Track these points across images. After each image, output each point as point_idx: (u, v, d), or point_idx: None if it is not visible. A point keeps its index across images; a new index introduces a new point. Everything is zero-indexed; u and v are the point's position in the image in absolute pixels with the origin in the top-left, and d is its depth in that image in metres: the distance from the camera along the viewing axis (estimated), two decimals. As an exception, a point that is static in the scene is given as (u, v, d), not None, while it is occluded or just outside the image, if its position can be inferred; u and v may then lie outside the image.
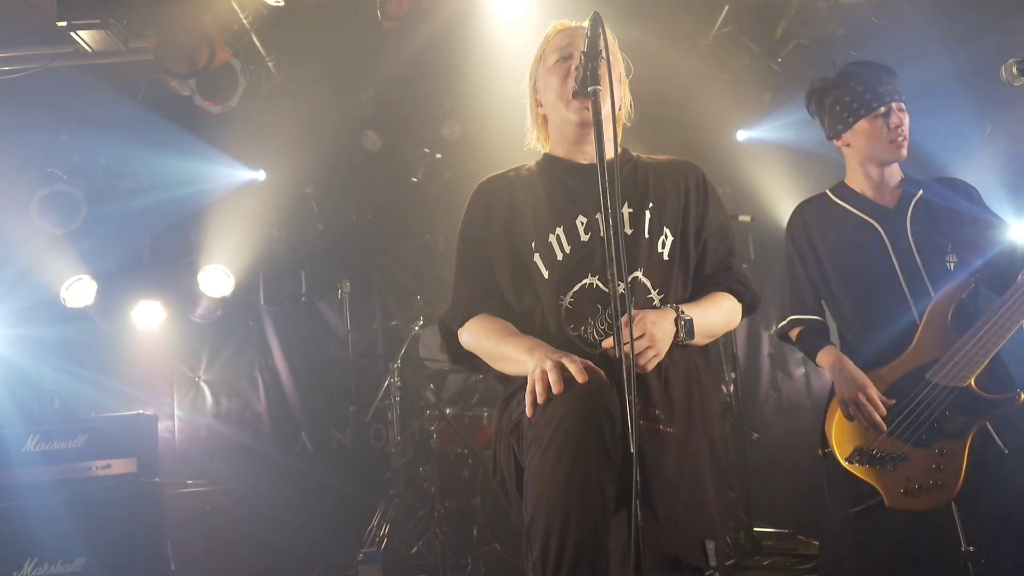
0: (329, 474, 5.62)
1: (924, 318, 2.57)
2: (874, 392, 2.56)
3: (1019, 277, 2.43)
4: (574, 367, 1.69)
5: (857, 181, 2.83)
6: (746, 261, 5.77)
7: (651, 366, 1.85)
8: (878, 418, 2.53)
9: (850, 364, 2.65)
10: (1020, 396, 2.43)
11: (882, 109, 2.70)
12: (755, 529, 4.53)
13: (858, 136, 2.76)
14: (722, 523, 1.99)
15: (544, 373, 1.71)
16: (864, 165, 2.79)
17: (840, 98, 2.79)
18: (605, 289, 1.95)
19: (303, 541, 5.10)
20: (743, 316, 2.20)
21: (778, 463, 5.34)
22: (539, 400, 1.69)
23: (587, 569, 1.56)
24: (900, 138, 2.69)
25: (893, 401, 2.54)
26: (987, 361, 2.45)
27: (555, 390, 1.67)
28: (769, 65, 4.99)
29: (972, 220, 2.69)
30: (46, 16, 4.14)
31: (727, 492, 4.39)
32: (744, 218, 4.72)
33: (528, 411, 1.72)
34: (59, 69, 4.56)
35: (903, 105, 2.73)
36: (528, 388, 1.73)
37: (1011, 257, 2.61)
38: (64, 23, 3.99)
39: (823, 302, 2.88)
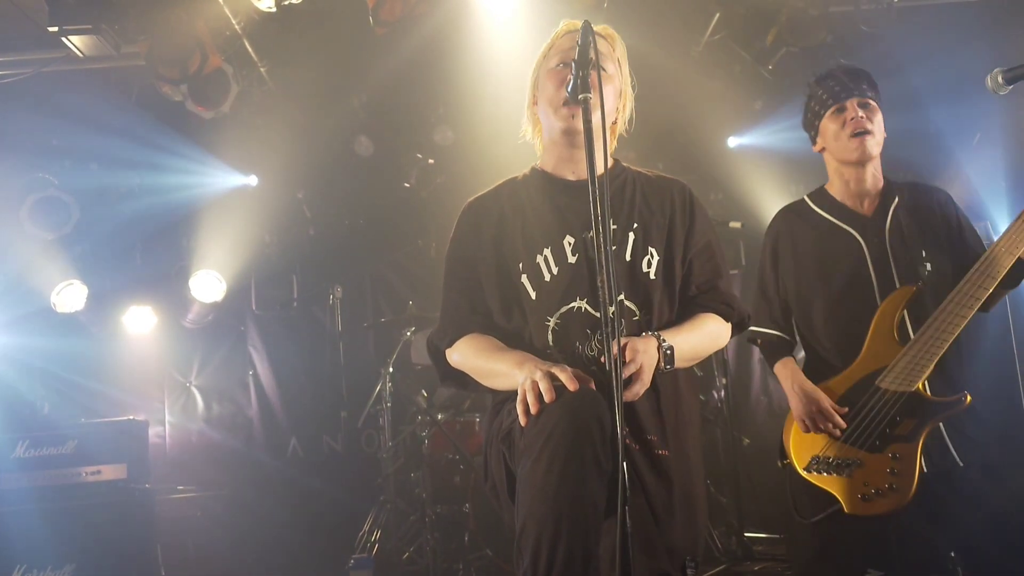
0: (320, 479, 5.60)
1: (871, 326, 2.57)
2: (827, 403, 2.57)
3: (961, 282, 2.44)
4: (564, 376, 1.70)
5: (836, 187, 2.80)
6: (737, 267, 5.78)
7: (637, 397, 1.83)
8: (833, 429, 2.55)
9: (803, 379, 2.67)
10: (967, 398, 2.44)
11: (838, 105, 2.67)
12: (746, 534, 4.54)
13: (826, 138, 2.75)
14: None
15: (535, 384, 1.71)
16: (839, 170, 2.76)
17: (809, 105, 2.81)
18: (595, 313, 1.94)
19: (294, 547, 5.09)
20: (732, 335, 2.19)
21: (769, 468, 5.31)
22: (532, 410, 1.70)
23: (577, 577, 1.56)
24: (859, 131, 2.62)
25: (846, 409, 2.56)
26: (933, 364, 2.46)
27: (547, 398, 1.68)
28: (760, 72, 5.00)
29: (947, 227, 2.68)
30: (37, 21, 4.12)
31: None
32: (735, 224, 4.74)
33: (521, 420, 1.73)
34: (50, 74, 4.53)
35: (868, 101, 2.67)
36: (519, 398, 1.74)
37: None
38: (55, 28, 3.96)
39: (791, 313, 2.83)
